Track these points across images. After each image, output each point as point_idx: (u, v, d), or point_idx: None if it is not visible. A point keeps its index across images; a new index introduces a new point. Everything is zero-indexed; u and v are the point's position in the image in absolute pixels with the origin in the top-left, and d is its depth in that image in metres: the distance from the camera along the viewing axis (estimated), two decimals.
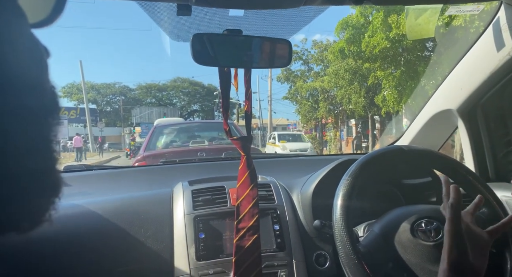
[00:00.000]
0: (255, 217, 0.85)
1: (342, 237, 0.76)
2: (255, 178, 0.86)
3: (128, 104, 45.34)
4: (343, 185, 0.82)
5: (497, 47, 0.96)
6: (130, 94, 45.46)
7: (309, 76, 18.17)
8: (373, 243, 0.81)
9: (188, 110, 52.17)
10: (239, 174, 0.86)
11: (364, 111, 13.92)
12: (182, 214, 0.97)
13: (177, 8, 0.75)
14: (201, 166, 1.54)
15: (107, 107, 45.45)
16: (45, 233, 0.89)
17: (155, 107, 45.91)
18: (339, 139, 17.49)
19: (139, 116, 41.94)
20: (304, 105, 17.99)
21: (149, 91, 46.64)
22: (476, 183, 0.86)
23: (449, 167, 0.90)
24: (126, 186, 1.24)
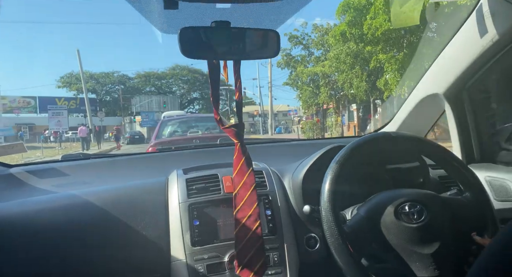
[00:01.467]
0: (255, 205, 0.85)
1: (329, 220, 0.81)
2: (250, 165, 0.88)
3: (128, 93, 45.01)
4: (331, 170, 0.86)
5: (480, 33, 0.99)
6: (129, 83, 45.01)
7: (309, 61, 17.75)
8: (358, 224, 0.85)
9: (188, 98, 51.70)
10: (234, 163, 0.87)
11: (366, 96, 13.65)
12: (177, 202, 1.00)
13: (164, 2, 0.76)
14: (197, 153, 1.57)
15: (107, 97, 45.09)
16: (44, 223, 0.93)
17: (155, 96, 45.53)
18: (341, 124, 17.28)
19: (139, 105, 41.65)
20: (305, 91, 17.67)
21: (148, 80, 46.17)
22: (460, 168, 0.92)
23: (435, 153, 0.95)
24: (123, 174, 1.27)
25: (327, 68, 14.84)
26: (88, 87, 43.98)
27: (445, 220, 0.84)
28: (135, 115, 40.78)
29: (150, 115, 40.87)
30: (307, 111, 20.26)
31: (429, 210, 0.83)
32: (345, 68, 13.08)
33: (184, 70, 48.09)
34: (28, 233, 0.92)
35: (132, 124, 40.85)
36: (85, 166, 1.36)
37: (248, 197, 0.87)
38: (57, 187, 1.17)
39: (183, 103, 52.87)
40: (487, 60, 1.04)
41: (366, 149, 0.92)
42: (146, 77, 45.91)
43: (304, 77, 16.60)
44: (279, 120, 55.02)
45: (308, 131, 17.49)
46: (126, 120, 41.60)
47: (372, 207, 0.88)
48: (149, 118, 41.27)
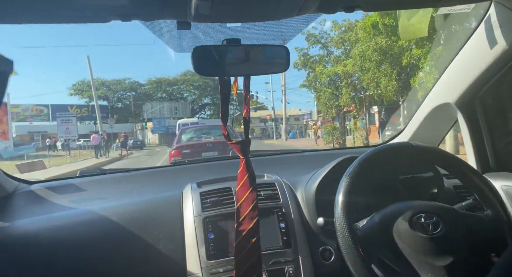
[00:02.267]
0: (255, 220, 0.88)
1: (344, 233, 0.81)
2: (254, 181, 0.90)
3: (139, 99, 44.53)
4: (344, 182, 0.87)
5: (490, 43, 1.00)
6: (140, 89, 44.52)
7: (328, 61, 16.45)
8: (371, 229, 0.85)
9: (199, 103, 50.87)
10: (239, 177, 0.90)
11: (396, 96, 12.28)
12: (192, 215, 1.03)
13: (177, 24, 0.80)
14: (209, 165, 1.61)
15: (118, 103, 44.69)
16: (63, 239, 0.99)
17: (166, 102, 44.77)
18: (363, 127, 15.89)
19: (151, 111, 40.91)
20: (324, 93, 16.34)
21: (160, 86, 45.62)
22: (476, 180, 0.91)
23: (447, 162, 0.95)
24: (138, 189, 1.29)
25: (350, 67, 13.59)
26: (99, 94, 43.63)
27: (461, 234, 0.82)
28: (147, 122, 39.98)
29: (162, 121, 40.08)
30: (326, 114, 18.82)
31: (446, 222, 0.82)
32: (370, 66, 11.82)
33: (195, 75, 47.33)
34: (48, 250, 0.96)
35: (144, 130, 40.12)
36: (101, 182, 1.39)
37: (248, 212, 0.89)
38: (75, 203, 1.18)
39: (195, 109, 52.10)
40: (498, 69, 1.03)
41: (379, 160, 0.93)
42: (157, 83, 45.35)
43: (323, 78, 15.35)
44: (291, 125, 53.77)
45: (328, 136, 16.07)
46: (137, 126, 40.96)
47: (387, 214, 0.87)
48: (160, 124, 40.42)
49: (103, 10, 0.74)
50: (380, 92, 13.09)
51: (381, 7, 1.01)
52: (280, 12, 0.79)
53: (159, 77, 46.41)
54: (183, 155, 6.38)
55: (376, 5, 0.94)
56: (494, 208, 0.86)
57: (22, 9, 0.70)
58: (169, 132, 41.91)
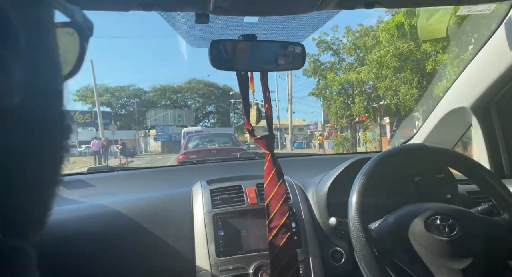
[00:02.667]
0: (286, 215, 0.88)
1: (358, 233, 0.80)
2: (281, 175, 0.91)
3: (143, 106, 43.92)
4: (358, 182, 0.86)
5: (510, 46, 0.99)
6: (144, 96, 43.93)
7: (339, 69, 15.60)
8: (386, 230, 0.84)
9: (203, 112, 50.09)
10: (266, 173, 0.91)
11: (416, 106, 11.37)
12: (202, 212, 1.03)
13: (195, 17, 0.80)
14: (218, 166, 1.60)
15: (122, 110, 44.09)
16: (74, 231, 0.99)
17: (170, 110, 44.01)
18: (374, 139, 14.90)
19: (154, 118, 40.23)
20: (335, 102, 15.42)
21: (164, 93, 45.00)
22: (493, 182, 0.90)
23: (464, 165, 0.94)
24: (147, 186, 1.30)
25: (364, 74, 12.66)
26: (103, 100, 43.07)
27: (478, 238, 0.82)
28: (150, 129, 39.18)
29: (165, 129, 39.24)
30: (335, 124, 17.85)
31: (462, 225, 0.81)
32: (388, 73, 10.91)
33: (200, 83, 46.70)
34: (56, 242, 0.94)
35: (146, 138, 39.30)
36: (110, 178, 1.41)
37: (279, 208, 0.89)
38: (84, 197, 1.20)
39: (198, 117, 51.32)
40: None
41: (395, 160, 0.92)
42: (162, 91, 44.76)
43: (335, 85, 14.42)
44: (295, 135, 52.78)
45: (338, 146, 15.07)
46: (140, 134, 40.11)
47: (402, 215, 0.86)
48: (163, 132, 39.55)
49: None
50: (397, 101, 12.14)
51: (401, 3, 1.00)
52: (300, 6, 0.80)
53: (164, 84, 45.73)
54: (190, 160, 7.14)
55: (396, 2, 0.93)
56: (507, 207, 0.85)
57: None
58: (172, 140, 41.00)
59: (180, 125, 44.68)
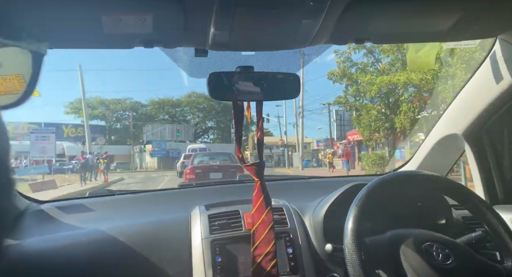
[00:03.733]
0: (272, 242, 0.91)
1: (354, 261, 0.82)
2: (269, 203, 0.94)
3: (140, 120, 41.24)
4: (354, 209, 0.87)
5: (495, 77, 1.06)
6: (141, 110, 41.67)
7: (373, 72, 13.10)
8: (380, 242, 0.87)
9: (203, 127, 47.36)
10: (254, 200, 0.94)
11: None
12: (200, 238, 1.05)
13: (195, 51, 0.87)
14: (217, 189, 1.66)
15: (117, 124, 41.41)
16: (71, 258, 1.02)
17: (168, 124, 41.25)
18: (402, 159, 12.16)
19: (151, 133, 37.49)
20: (368, 111, 12.77)
21: (162, 107, 42.71)
22: (484, 208, 0.93)
23: (457, 192, 0.97)
24: (146, 210, 1.34)
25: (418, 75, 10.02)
26: (97, 113, 40.44)
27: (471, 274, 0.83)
28: (146, 144, 36.35)
29: (162, 144, 36.49)
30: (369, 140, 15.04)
31: (457, 258, 0.84)
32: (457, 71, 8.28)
33: (201, 97, 44.46)
34: (57, 268, 0.98)
35: (142, 153, 36.40)
36: (110, 202, 1.44)
37: (266, 235, 0.91)
38: (84, 222, 1.22)
39: (197, 132, 48.54)
40: (504, 102, 1.09)
41: (388, 188, 0.95)
42: (160, 104, 42.53)
43: (373, 90, 11.77)
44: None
45: (373, 167, 12.31)
46: (136, 149, 37.24)
47: (399, 234, 0.90)
48: (160, 147, 36.72)
49: (129, 37, 0.78)
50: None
51: (390, 40, 1.12)
52: (293, 43, 0.86)
53: (162, 98, 43.32)
54: (196, 173, 9.56)
55: (385, 39, 1.01)
56: (496, 232, 0.88)
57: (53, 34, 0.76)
58: (169, 156, 38.03)
59: (179, 140, 41.93)
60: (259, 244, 0.89)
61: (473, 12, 0.81)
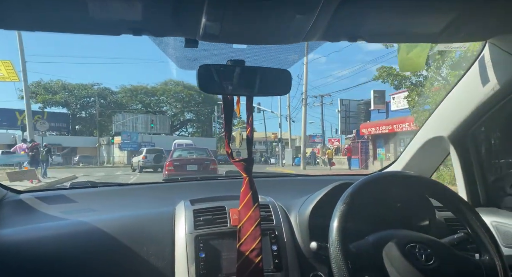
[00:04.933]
0: (258, 239, 0.92)
1: (338, 259, 0.84)
2: (257, 200, 0.95)
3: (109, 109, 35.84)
4: (339, 208, 0.90)
5: (483, 81, 1.09)
6: (111, 97, 36.34)
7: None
8: (364, 247, 0.90)
9: (181, 119, 42.60)
10: (241, 196, 0.94)
11: None
12: (184, 233, 1.05)
13: (185, 42, 0.85)
14: (201, 184, 1.64)
15: (82, 112, 36.05)
16: (51, 250, 1.00)
17: (142, 114, 36.23)
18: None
19: (121, 122, 32.59)
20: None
21: (135, 95, 37.44)
22: (466, 211, 0.97)
23: (441, 194, 1.01)
24: (129, 204, 1.33)
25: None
26: (58, 99, 34.88)
27: (452, 273, 0.87)
28: (114, 136, 31.50)
29: (133, 136, 31.90)
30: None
31: (439, 257, 0.86)
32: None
33: (179, 85, 39.70)
34: (35, 259, 0.98)
35: (110, 146, 31.55)
36: (92, 194, 1.42)
37: (252, 231, 0.91)
38: (65, 213, 1.21)
39: (175, 125, 43.71)
40: (491, 106, 1.14)
41: (374, 187, 0.98)
42: (132, 92, 37.83)
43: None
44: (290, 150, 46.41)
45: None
46: (103, 141, 32.39)
47: (382, 237, 0.91)
48: (131, 140, 31.97)
49: (117, 23, 0.78)
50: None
51: (382, 39, 1.11)
52: (286, 37, 0.86)
53: (135, 85, 38.41)
54: (175, 165, 10.48)
55: (377, 37, 1.03)
56: (491, 255, 0.90)
57: (37, 17, 0.75)
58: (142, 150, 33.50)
59: (153, 133, 37.00)
60: (245, 240, 0.90)
61: (465, 14, 0.84)
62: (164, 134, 37.27)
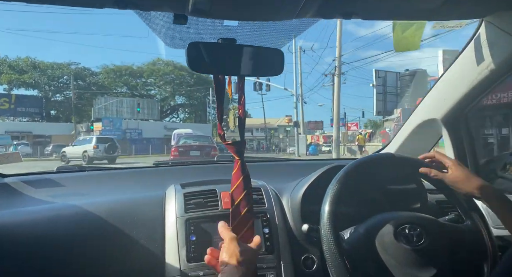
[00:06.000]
0: (250, 222, 0.90)
1: (329, 240, 0.86)
2: (249, 182, 0.93)
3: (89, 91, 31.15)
4: (331, 190, 0.92)
5: (478, 61, 1.10)
6: (91, 78, 31.36)
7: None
8: (357, 242, 0.93)
9: (171, 103, 37.93)
10: (233, 179, 0.92)
11: None
12: (174, 216, 1.06)
13: (173, 18, 0.83)
14: (194, 169, 1.66)
15: (57, 95, 31.28)
16: (38, 233, 0.99)
17: (127, 98, 31.60)
18: None
19: (103, 106, 27.85)
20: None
21: (119, 76, 32.63)
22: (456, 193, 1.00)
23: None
24: (119, 187, 1.37)
25: None
26: (27, 79, 29.74)
27: (444, 245, 0.91)
28: (94, 122, 26.91)
29: (116, 122, 27.36)
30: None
31: (429, 234, 0.90)
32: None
33: (169, 65, 34.82)
34: (21, 243, 0.97)
35: (90, 134, 27.00)
36: (81, 178, 1.44)
37: (244, 215, 0.89)
38: (53, 197, 1.20)
39: (164, 111, 39.00)
40: (485, 88, 1.17)
41: (367, 169, 0.99)
42: (115, 72, 32.61)
43: None
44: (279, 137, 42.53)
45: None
46: (81, 127, 27.89)
47: (372, 225, 0.94)
48: (114, 126, 27.42)
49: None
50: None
51: (377, 16, 1.02)
52: (279, 13, 0.85)
53: (119, 65, 33.54)
54: (179, 151, 12.10)
55: (373, 14, 0.99)
56: (473, 219, 0.95)
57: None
58: (126, 138, 28.97)
59: (139, 118, 32.43)
60: (237, 223, 0.89)
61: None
62: (153, 120, 33.05)
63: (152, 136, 32.66)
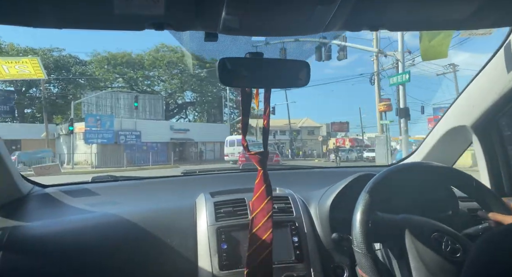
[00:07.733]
0: (269, 231, 0.98)
1: (362, 251, 0.88)
2: (270, 192, 1.02)
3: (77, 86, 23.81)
4: (362, 200, 0.97)
5: (508, 69, 1.20)
6: (78, 68, 23.87)
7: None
8: (390, 221, 0.98)
9: (179, 101, 30.14)
10: (255, 188, 1.01)
11: None
12: (205, 225, 1.18)
13: (205, 35, 0.91)
14: (220, 177, 1.78)
15: (33, 89, 23.62)
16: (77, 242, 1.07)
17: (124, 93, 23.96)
18: None
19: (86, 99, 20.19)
20: None
21: (113, 66, 25.05)
22: (493, 200, 1.04)
23: (466, 184, 1.11)
24: (150, 197, 1.50)
25: None
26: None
27: None
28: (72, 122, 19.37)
29: (105, 120, 19.66)
30: None
31: (466, 252, 0.93)
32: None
33: (175, 53, 26.79)
34: (64, 251, 1.07)
35: (70, 137, 19.68)
36: (114, 188, 1.59)
37: (263, 223, 0.95)
38: (89, 206, 1.35)
39: (170, 109, 31.14)
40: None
41: (397, 178, 1.05)
42: (109, 60, 25.07)
43: None
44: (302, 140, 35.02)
45: None
46: (61, 130, 20.51)
47: (411, 218, 0.99)
48: (103, 127, 19.90)
49: (140, 19, 0.82)
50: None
51: (405, 27, 1.06)
52: (307, 28, 0.90)
53: (114, 52, 26.32)
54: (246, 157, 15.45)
55: (400, 25, 1.07)
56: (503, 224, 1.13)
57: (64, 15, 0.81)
58: (119, 143, 21.33)
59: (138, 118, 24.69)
60: (256, 231, 0.96)
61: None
62: (156, 120, 25.90)
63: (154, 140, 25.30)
